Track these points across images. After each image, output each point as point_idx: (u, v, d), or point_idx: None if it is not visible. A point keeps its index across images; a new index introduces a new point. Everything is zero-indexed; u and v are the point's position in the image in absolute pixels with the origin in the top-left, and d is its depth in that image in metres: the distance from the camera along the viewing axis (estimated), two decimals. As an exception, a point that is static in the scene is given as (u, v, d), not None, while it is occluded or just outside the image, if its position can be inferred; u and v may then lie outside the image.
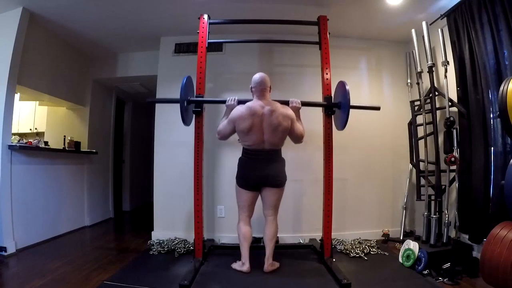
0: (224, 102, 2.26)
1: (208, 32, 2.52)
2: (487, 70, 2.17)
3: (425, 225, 2.55)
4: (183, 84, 2.14)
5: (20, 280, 2.00)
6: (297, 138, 2.22)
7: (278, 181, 2.18)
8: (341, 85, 2.26)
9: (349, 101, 2.12)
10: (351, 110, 2.15)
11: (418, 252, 2.26)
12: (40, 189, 2.99)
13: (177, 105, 2.14)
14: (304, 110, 2.32)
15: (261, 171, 2.12)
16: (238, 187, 2.23)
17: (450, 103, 2.49)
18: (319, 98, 2.50)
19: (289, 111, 2.17)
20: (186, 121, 2.27)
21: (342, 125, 2.23)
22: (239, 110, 2.13)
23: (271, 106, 2.12)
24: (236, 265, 2.20)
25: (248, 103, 2.16)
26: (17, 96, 3.12)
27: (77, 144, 3.53)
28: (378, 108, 2.38)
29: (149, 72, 3.49)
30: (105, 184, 4.25)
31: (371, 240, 2.88)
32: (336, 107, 2.33)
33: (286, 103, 2.25)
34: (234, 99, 2.23)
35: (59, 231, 3.19)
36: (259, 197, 2.27)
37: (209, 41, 2.52)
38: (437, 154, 2.54)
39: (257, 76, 2.20)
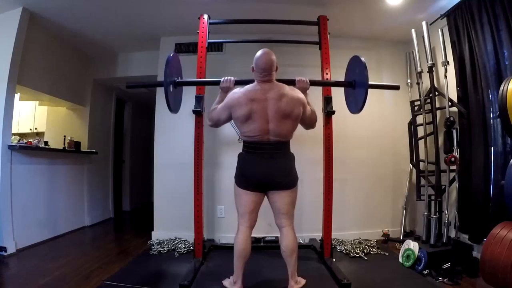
0: (219, 83, 1.96)
1: (208, 32, 2.52)
2: (487, 70, 2.17)
3: (425, 225, 2.55)
4: (167, 64, 1.86)
5: (20, 280, 2.01)
6: (311, 124, 1.94)
7: (287, 181, 1.79)
8: (356, 59, 1.98)
9: (367, 77, 1.85)
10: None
11: (418, 252, 2.26)
12: (40, 189, 2.99)
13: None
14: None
15: (266, 168, 1.74)
16: (237, 187, 1.83)
17: (450, 103, 2.49)
18: (319, 98, 2.49)
19: (300, 94, 1.84)
20: (172, 108, 1.96)
21: (359, 106, 1.94)
22: (236, 94, 1.80)
23: (278, 89, 1.77)
24: (226, 283, 1.90)
25: (247, 86, 1.82)
26: (17, 96, 3.12)
27: (77, 144, 3.53)
28: (397, 87, 2.19)
29: (149, 72, 3.49)
30: (105, 184, 4.25)
31: (371, 240, 2.89)
32: (350, 87, 2.07)
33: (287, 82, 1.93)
34: (230, 79, 1.92)
35: (59, 231, 3.19)
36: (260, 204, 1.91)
37: (209, 41, 2.52)
38: (437, 154, 2.54)
39: (260, 55, 1.79)
